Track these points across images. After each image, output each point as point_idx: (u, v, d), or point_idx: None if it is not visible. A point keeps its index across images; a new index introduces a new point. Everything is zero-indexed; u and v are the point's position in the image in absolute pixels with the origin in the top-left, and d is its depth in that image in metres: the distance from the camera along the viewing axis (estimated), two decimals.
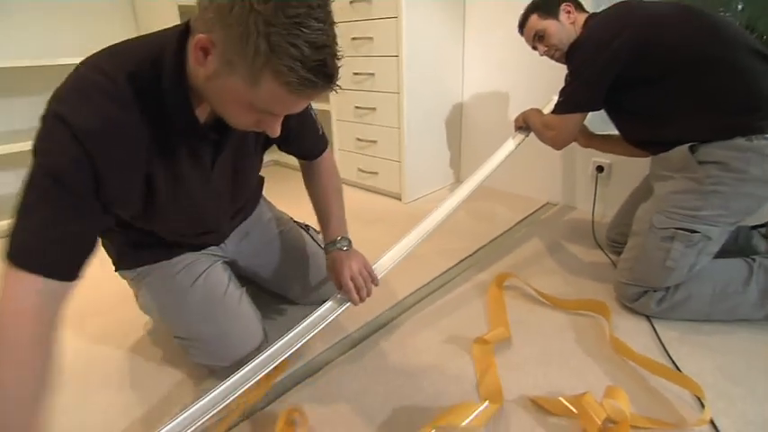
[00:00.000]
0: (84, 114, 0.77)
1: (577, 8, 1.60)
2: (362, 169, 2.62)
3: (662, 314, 1.40)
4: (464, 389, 1.18)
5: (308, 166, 1.34)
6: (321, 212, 1.32)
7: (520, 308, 1.51)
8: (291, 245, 1.46)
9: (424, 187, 2.58)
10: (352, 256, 1.23)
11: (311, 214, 1.34)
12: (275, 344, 1.09)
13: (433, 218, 1.43)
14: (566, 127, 1.56)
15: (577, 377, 1.21)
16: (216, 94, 0.80)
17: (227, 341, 1.17)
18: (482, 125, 2.59)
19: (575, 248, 1.90)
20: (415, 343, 1.36)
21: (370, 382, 1.21)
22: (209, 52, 0.74)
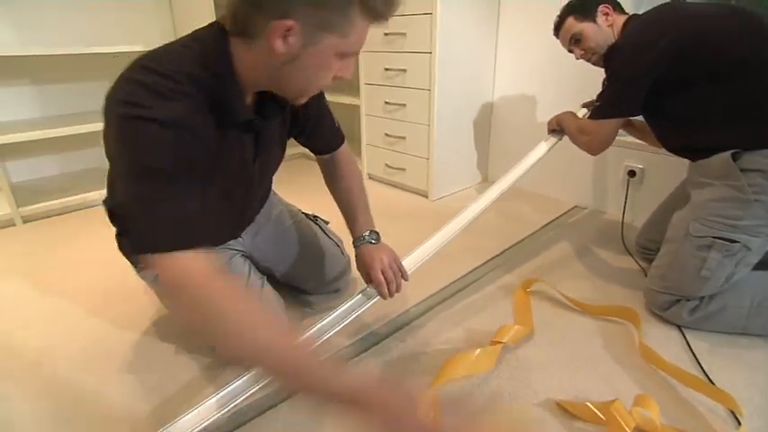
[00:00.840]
0: (162, 109, 0.78)
1: (616, 9, 1.55)
2: (390, 165, 2.61)
3: (694, 324, 1.36)
4: (492, 389, 1.16)
5: (328, 163, 1.32)
6: (347, 208, 1.31)
7: (546, 311, 1.48)
8: (305, 238, 1.46)
9: (451, 185, 2.56)
10: (381, 250, 1.22)
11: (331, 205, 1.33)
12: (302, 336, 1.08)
13: (463, 217, 1.41)
14: (602, 132, 1.50)
15: (605, 383, 1.18)
16: (298, 70, 0.85)
17: None
18: (511, 126, 2.56)
19: (603, 253, 1.86)
20: (440, 342, 1.34)
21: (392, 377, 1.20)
22: (289, 34, 0.79)
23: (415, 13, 2.19)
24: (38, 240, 2.04)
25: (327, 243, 1.50)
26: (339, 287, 1.55)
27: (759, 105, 1.26)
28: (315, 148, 1.29)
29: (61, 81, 2.48)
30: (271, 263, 1.41)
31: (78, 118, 2.37)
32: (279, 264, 1.43)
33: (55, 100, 2.48)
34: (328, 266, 1.49)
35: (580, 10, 1.56)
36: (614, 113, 1.46)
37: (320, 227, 1.53)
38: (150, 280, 1.22)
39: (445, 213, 2.23)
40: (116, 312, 1.50)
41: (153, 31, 2.66)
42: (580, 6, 1.57)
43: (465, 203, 1.46)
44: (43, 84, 2.43)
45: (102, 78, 2.56)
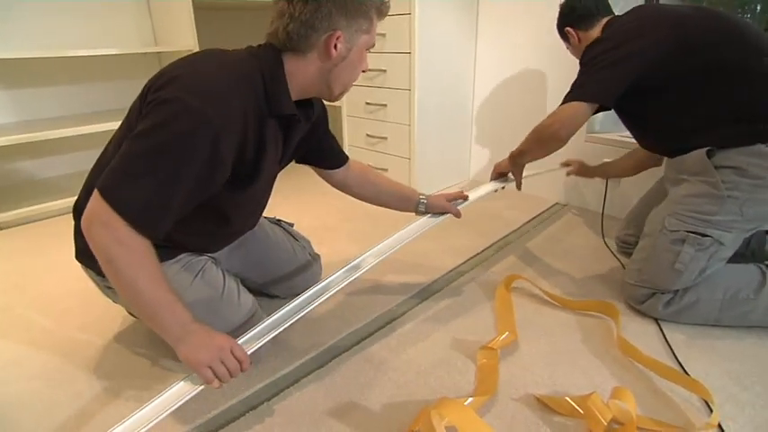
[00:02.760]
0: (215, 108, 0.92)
1: (581, 26, 1.57)
2: (372, 165, 2.59)
3: (669, 317, 1.39)
4: (471, 384, 1.18)
5: (343, 175, 1.44)
6: (389, 194, 1.51)
7: (527, 308, 1.50)
8: (272, 244, 1.49)
9: (433, 185, 2.58)
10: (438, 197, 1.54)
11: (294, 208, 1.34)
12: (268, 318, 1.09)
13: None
14: (571, 116, 1.41)
15: (584, 377, 1.20)
16: (345, 68, 1.09)
17: (235, 329, 1.19)
18: (493, 125, 2.58)
19: (584, 250, 1.89)
20: (422, 341, 1.36)
21: (376, 377, 1.22)
22: (339, 42, 1.04)
23: (393, 13, 2.20)
24: (12, 248, 2.03)
25: (296, 246, 1.53)
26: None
27: (736, 106, 1.30)
28: (330, 163, 1.42)
29: (36, 85, 2.46)
30: (240, 272, 1.42)
31: (54, 123, 2.36)
32: (248, 273, 1.45)
33: (29, 104, 2.47)
34: (299, 271, 1.52)
35: (559, 33, 1.66)
36: (586, 97, 1.40)
37: (285, 229, 1.55)
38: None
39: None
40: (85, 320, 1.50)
41: (131, 35, 2.65)
42: (558, 29, 1.66)
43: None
44: (18, 88, 2.41)
45: (77, 82, 2.55)
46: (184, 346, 0.95)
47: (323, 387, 1.19)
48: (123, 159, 0.91)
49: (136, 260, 0.92)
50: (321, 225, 2.13)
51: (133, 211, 0.90)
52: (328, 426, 1.07)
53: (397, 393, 1.16)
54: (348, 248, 1.92)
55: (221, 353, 0.96)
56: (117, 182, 0.90)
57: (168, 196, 0.93)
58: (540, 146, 1.54)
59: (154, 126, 0.90)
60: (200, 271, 1.20)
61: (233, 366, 0.97)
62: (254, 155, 1.06)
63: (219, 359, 0.96)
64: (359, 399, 1.15)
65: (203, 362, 0.95)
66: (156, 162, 0.90)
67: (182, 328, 0.96)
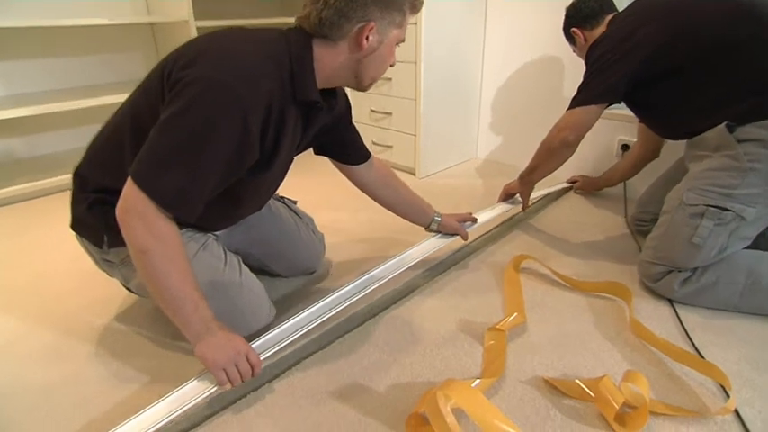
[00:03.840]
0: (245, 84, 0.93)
1: (586, 25, 1.64)
2: (376, 142, 2.60)
3: (685, 298, 1.37)
4: (479, 366, 1.18)
5: (364, 173, 1.45)
6: (407, 203, 1.54)
7: (536, 289, 1.49)
8: (276, 220, 1.48)
9: (439, 162, 2.55)
10: (450, 217, 1.60)
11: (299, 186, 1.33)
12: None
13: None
14: (582, 120, 1.50)
15: (595, 360, 1.19)
16: (373, 61, 1.09)
17: (239, 314, 1.19)
18: (502, 101, 2.55)
19: (597, 229, 1.87)
20: (427, 322, 1.35)
21: (380, 358, 1.21)
22: (371, 33, 1.04)
23: None
24: (5, 227, 2.03)
25: (299, 223, 1.52)
26: (314, 268, 1.58)
27: (749, 83, 1.29)
28: (351, 157, 1.42)
29: (22, 57, 2.40)
30: (242, 248, 1.41)
31: (44, 97, 2.32)
32: (251, 248, 1.44)
33: (14, 77, 2.41)
34: (302, 249, 1.52)
35: (566, 35, 1.74)
36: (595, 99, 1.47)
37: (288, 206, 1.54)
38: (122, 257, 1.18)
39: (433, 192, 2.25)
40: (89, 298, 1.50)
41: (123, 4, 2.60)
42: (564, 32, 1.73)
43: (455, 181, 1.46)
44: (7, 60, 2.38)
45: (66, 55, 2.50)
46: (203, 344, 0.99)
47: (325, 368, 1.18)
48: (155, 146, 0.93)
49: (169, 255, 0.95)
50: (325, 204, 2.13)
51: (171, 200, 0.93)
52: (331, 407, 1.07)
53: (401, 375, 1.16)
54: (353, 230, 1.91)
55: (237, 356, 1.00)
56: (152, 170, 0.92)
57: (203, 181, 0.95)
58: (550, 157, 1.62)
59: (184, 109, 0.91)
60: (200, 248, 1.20)
61: (246, 370, 1.01)
62: (273, 139, 1.06)
63: (234, 362, 1.00)
64: (362, 380, 1.14)
65: (219, 363, 0.98)
66: (189, 147, 0.91)
67: (203, 326, 0.99)
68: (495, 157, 2.70)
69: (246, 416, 1.06)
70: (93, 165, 1.15)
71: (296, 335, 1.16)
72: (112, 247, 1.16)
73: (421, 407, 1.01)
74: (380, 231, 1.84)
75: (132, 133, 1.04)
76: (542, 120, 2.21)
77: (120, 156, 1.06)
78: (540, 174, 1.72)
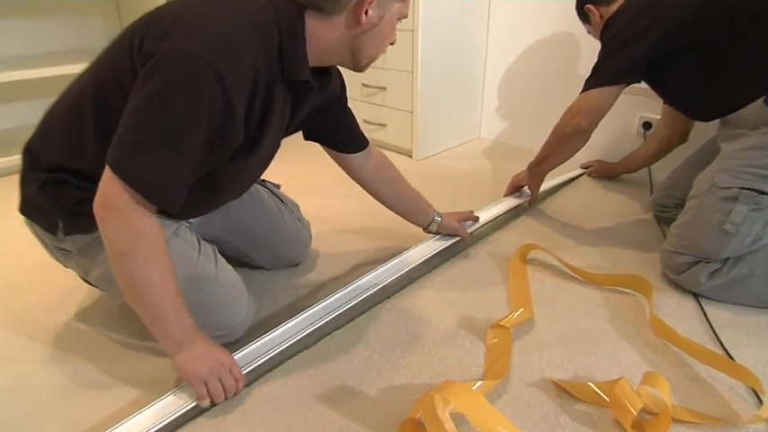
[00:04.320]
0: (226, 57, 0.91)
1: (602, 2, 1.64)
2: (369, 120, 2.59)
3: (713, 293, 1.37)
4: (481, 368, 1.17)
5: (360, 164, 1.44)
6: (405, 200, 1.54)
7: (545, 282, 1.49)
8: (257, 204, 1.47)
9: (439, 143, 2.55)
10: (447, 215, 1.60)
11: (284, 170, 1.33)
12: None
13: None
14: (597, 104, 1.52)
15: (610, 361, 1.19)
16: (372, 38, 1.08)
17: (214, 309, 1.19)
18: (510, 74, 2.54)
19: (614, 216, 1.87)
20: (424, 318, 1.35)
21: (372, 359, 1.21)
22: (370, 8, 1.02)
23: None
24: None
25: (283, 210, 1.51)
26: (299, 260, 1.58)
27: None
28: (344, 145, 1.41)
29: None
30: (218, 237, 1.40)
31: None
32: (228, 237, 1.43)
33: None
34: (286, 238, 1.52)
35: (579, 13, 1.76)
36: (612, 80, 1.49)
37: (271, 191, 1.53)
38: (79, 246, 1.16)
39: (431, 176, 2.24)
40: (43, 292, 1.49)
41: None
42: (577, 10, 1.75)
43: (456, 164, 1.46)
44: None
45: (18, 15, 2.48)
46: (183, 355, 1.00)
47: (311, 370, 1.18)
48: (132, 131, 0.92)
49: (152, 255, 0.96)
50: (312, 189, 2.12)
51: (156, 190, 0.93)
52: (318, 413, 1.06)
53: (395, 376, 1.15)
54: (343, 218, 1.91)
55: (220, 369, 1.02)
56: (132, 158, 0.91)
57: (187, 167, 0.95)
58: (562, 145, 1.64)
59: (160, 89, 0.90)
60: (171, 235, 1.18)
61: (229, 385, 1.03)
62: (259, 120, 1.05)
63: (217, 375, 1.01)
64: (352, 382, 1.14)
65: (201, 375, 1.00)
66: (170, 131, 0.91)
67: (184, 335, 1.00)
68: (501, 138, 2.69)
69: (222, 424, 1.05)
70: (48, 140, 1.12)
71: (281, 347, 1.17)
72: (69, 235, 1.13)
73: (417, 412, 1.00)
74: (373, 220, 1.83)
75: (95, 106, 1.03)
76: (554, 96, 2.22)
77: (79, 130, 1.05)
78: (551, 164, 1.74)
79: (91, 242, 1.13)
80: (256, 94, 0.99)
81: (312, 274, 1.56)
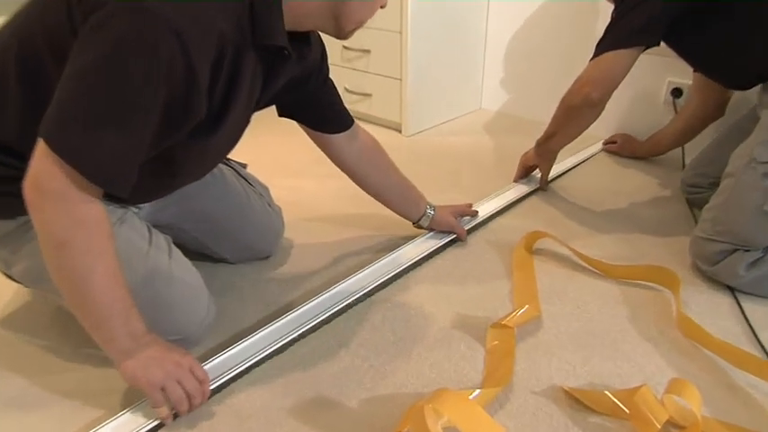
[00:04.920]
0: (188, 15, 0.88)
1: None
2: (350, 89, 2.57)
3: (753, 287, 1.38)
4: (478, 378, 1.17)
5: (344, 146, 1.44)
6: (395, 190, 1.55)
7: (554, 274, 1.50)
8: (226, 191, 1.47)
9: (433, 115, 2.55)
10: (442, 209, 1.62)
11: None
12: None
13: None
14: (609, 71, 1.51)
15: (630, 366, 1.19)
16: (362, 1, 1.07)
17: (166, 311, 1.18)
18: (516, 35, 2.54)
19: (636, 198, 1.88)
20: (414, 317, 1.35)
21: (353, 364, 1.21)
22: None
23: None
24: None
25: (250, 193, 1.51)
26: (269, 251, 1.58)
27: None
28: (325, 124, 1.41)
29: None
30: (173, 224, 1.39)
31: None
32: (185, 224, 1.41)
33: None
34: (254, 226, 1.51)
35: None
36: (629, 41, 1.47)
37: (236, 171, 1.52)
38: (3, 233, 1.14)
39: (424, 155, 2.26)
40: None
41: None
42: None
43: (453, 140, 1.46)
44: None
45: None
46: (132, 361, 0.98)
47: (282, 379, 1.17)
48: (74, 100, 0.88)
49: (96, 247, 0.94)
50: (284, 169, 2.12)
51: (104, 170, 0.90)
52: (289, 429, 1.06)
53: (380, 385, 1.15)
54: (321, 202, 1.91)
55: (178, 371, 1.01)
56: (74, 132, 0.88)
57: (139, 144, 0.93)
58: (570, 119, 1.64)
59: (108, 50, 0.86)
60: (120, 218, 1.18)
61: (192, 387, 1.01)
62: (224, 93, 1.02)
63: (176, 378, 1.00)
64: (330, 393, 1.14)
65: (155, 381, 0.98)
66: (119, 100, 0.88)
67: (133, 341, 0.99)
68: (506, 109, 2.71)
69: None
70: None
71: (254, 359, 1.17)
72: None
73: (404, 425, 1.01)
74: (355, 204, 1.82)
75: (18, 62, 1.00)
76: (568, 60, 2.22)
77: None
78: (560, 141, 1.74)
79: (14, 229, 1.11)
80: (223, 62, 0.96)
81: (285, 267, 1.55)
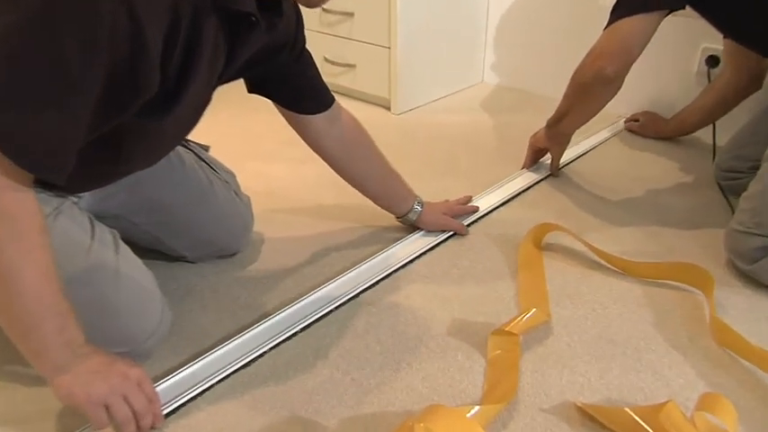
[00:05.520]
0: None
1: None
2: (331, 59, 2.58)
3: None
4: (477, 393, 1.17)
5: (322, 128, 1.45)
6: (380, 180, 1.57)
7: (567, 273, 1.50)
8: (185, 177, 1.46)
9: (427, 90, 2.56)
10: (432, 205, 1.64)
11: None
12: None
13: None
14: (625, 42, 1.51)
15: (655, 379, 1.19)
16: None
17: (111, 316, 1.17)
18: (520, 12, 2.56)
19: (662, 186, 1.89)
20: (403, 322, 1.35)
21: (332, 378, 1.20)
22: None
23: None
24: None
25: (214, 180, 1.50)
26: (236, 248, 1.58)
27: None
28: (300, 102, 1.41)
29: None
30: (121, 216, 1.38)
31: None
32: (135, 217, 1.40)
33: None
34: (218, 218, 1.51)
35: None
36: (642, 6, 1.47)
37: (197, 155, 1.51)
38: None
39: (416, 137, 2.28)
40: None
41: None
42: None
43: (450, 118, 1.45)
44: None
45: None
46: (69, 376, 0.95)
47: (249, 396, 1.17)
48: None
49: (26, 244, 0.92)
50: (253, 152, 2.12)
51: (37, 155, 0.89)
52: None
53: (364, 402, 1.15)
54: (295, 191, 1.91)
55: (125, 385, 0.98)
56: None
57: (75, 122, 0.90)
58: (583, 98, 1.65)
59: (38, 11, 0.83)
60: (56, 208, 1.16)
61: (141, 406, 0.99)
62: (180, 66, 1.00)
63: (121, 393, 0.97)
64: (305, 411, 1.13)
65: (97, 397, 0.95)
66: (51, 71, 0.85)
67: (69, 353, 0.96)
68: (511, 82, 2.72)
69: None
70: None
71: (216, 377, 1.17)
72: None
73: None
74: (336, 193, 1.82)
75: None
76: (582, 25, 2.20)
77: None
78: (572, 122, 1.74)
79: None
80: (178, 27, 0.93)
81: (254, 267, 1.56)
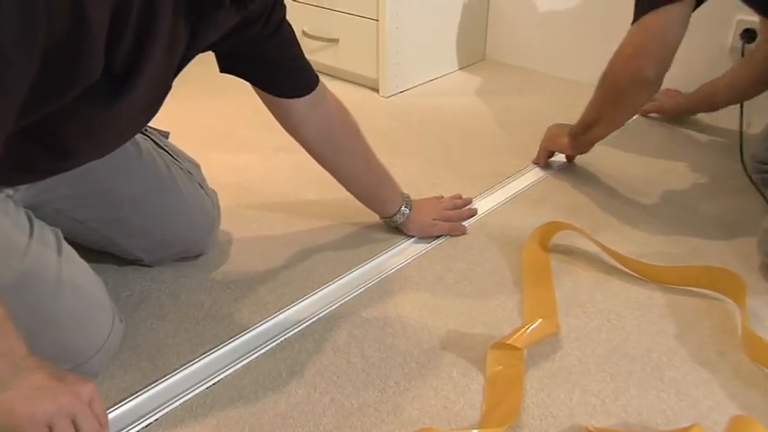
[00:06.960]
0: None
1: None
2: (310, 33, 2.58)
3: None
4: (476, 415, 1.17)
5: (302, 113, 1.45)
6: (366, 176, 1.60)
7: (578, 278, 1.51)
8: (142, 169, 1.46)
9: (421, 70, 2.57)
10: (422, 207, 1.67)
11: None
12: None
13: None
14: (660, 36, 1.50)
15: (679, 399, 1.19)
16: None
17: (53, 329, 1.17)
18: None
19: (686, 180, 1.90)
20: (391, 334, 1.35)
21: (311, 398, 1.21)
22: None
23: None
24: None
25: (176, 172, 1.49)
26: (201, 249, 1.58)
27: None
28: (279, 85, 1.41)
29: None
30: (66, 213, 1.38)
31: None
32: (82, 212, 1.39)
33: None
34: (180, 215, 1.50)
35: None
36: None
37: (156, 143, 1.51)
38: None
39: (407, 120, 2.28)
40: None
41: None
42: None
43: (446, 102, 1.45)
44: None
45: None
46: (9, 393, 0.93)
47: (212, 418, 1.17)
48: None
49: None
50: (220, 140, 2.12)
51: None
52: None
53: (344, 426, 1.15)
54: (268, 184, 1.91)
55: (74, 404, 0.96)
56: None
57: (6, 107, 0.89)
58: (617, 104, 1.64)
59: None
60: None
61: (91, 427, 0.97)
62: (132, 47, 0.98)
63: (69, 414, 0.95)
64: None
65: (41, 417, 0.93)
66: None
67: (10, 366, 0.95)
68: (517, 60, 2.74)
69: None
70: None
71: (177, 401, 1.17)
72: None
73: None
74: (314, 186, 1.84)
75: None
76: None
77: None
78: (604, 131, 1.74)
79: None
80: (129, 10, 0.93)
81: (221, 270, 1.56)
